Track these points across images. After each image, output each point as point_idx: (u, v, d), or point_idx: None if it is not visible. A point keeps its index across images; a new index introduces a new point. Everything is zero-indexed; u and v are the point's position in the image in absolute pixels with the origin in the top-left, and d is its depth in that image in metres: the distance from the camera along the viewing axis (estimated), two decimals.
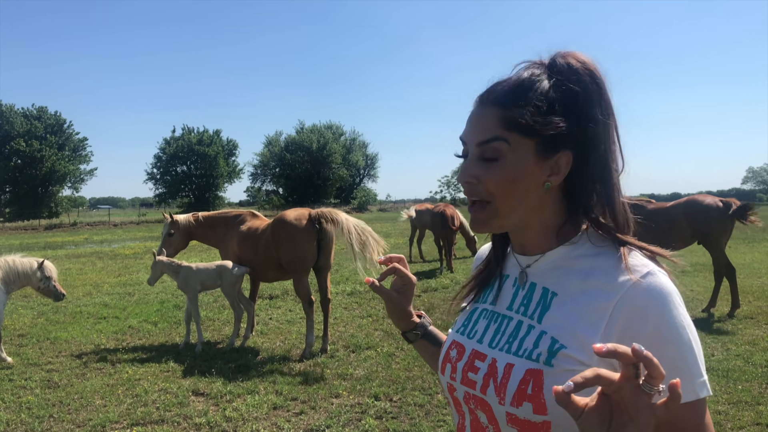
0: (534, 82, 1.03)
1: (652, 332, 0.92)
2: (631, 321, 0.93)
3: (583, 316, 0.98)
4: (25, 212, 52.78)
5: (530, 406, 0.96)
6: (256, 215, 7.90)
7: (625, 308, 0.94)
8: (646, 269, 0.98)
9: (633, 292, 0.95)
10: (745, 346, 6.49)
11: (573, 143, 1.02)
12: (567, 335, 0.98)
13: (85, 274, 14.67)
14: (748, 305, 8.57)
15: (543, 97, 1.02)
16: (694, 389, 0.92)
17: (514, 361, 1.01)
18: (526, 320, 1.06)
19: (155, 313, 9.45)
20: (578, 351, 0.96)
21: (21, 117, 60.31)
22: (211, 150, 69.97)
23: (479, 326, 1.15)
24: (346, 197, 75.86)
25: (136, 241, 28.02)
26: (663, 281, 0.96)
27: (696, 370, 0.93)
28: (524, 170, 1.02)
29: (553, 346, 0.98)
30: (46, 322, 8.85)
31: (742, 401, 4.94)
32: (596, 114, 1.02)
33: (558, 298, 1.03)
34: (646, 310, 0.93)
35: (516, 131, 1.01)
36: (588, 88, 1.02)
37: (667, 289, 0.95)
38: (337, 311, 9.10)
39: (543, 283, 1.07)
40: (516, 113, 1.01)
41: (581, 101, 1.02)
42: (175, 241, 8.02)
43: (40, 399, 5.47)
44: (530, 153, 1.02)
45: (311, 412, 5.05)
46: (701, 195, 8.30)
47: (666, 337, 0.92)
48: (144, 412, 5.08)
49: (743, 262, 13.04)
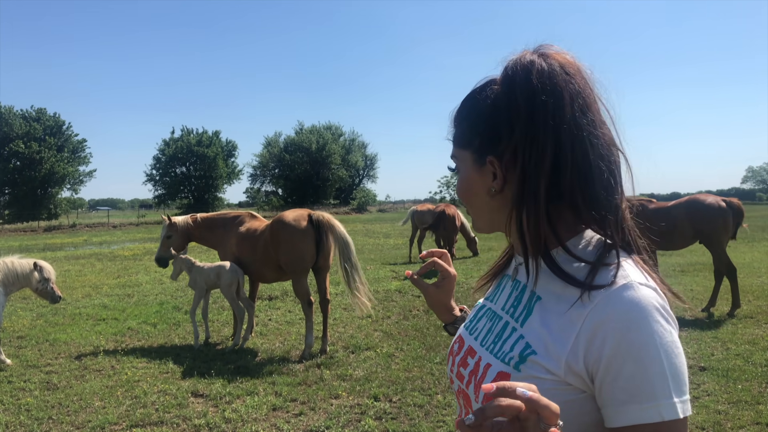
0: (472, 98, 1.11)
1: (616, 347, 0.88)
2: (596, 334, 0.90)
3: (556, 323, 0.96)
4: (25, 214, 52.79)
5: None
6: (254, 216, 7.89)
7: (593, 321, 0.91)
8: (625, 281, 0.92)
9: (603, 304, 0.91)
10: (745, 346, 6.48)
11: (504, 149, 1.02)
12: (539, 342, 0.97)
13: (84, 276, 14.66)
14: (748, 305, 8.57)
15: (473, 111, 1.10)
16: (658, 410, 0.86)
17: (492, 362, 1.04)
18: (512, 322, 1.06)
19: (154, 314, 9.44)
20: (546, 359, 0.95)
21: (20, 119, 60.35)
22: (211, 151, 70.04)
23: (480, 324, 1.17)
24: (345, 198, 75.87)
25: (135, 242, 28.01)
26: (640, 295, 0.90)
27: (661, 391, 0.86)
28: (468, 178, 1.11)
29: (524, 351, 0.98)
30: (45, 324, 8.84)
31: (742, 401, 4.93)
32: (542, 117, 0.98)
33: (540, 303, 1.02)
34: (611, 324, 0.89)
35: (458, 146, 1.13)
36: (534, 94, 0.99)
37: (641, 303, 0.89)
38: (337, 312, 9.09)
39: (531, 286, 1.06)
40: (457, 131, 1.14)
41: (518, 108, 0.99)
42: (173, 243, 8.01)
43: (39, 401, 5.46)
44: (469, 163, 1.10)
45: (311, 413, 5.04)
46: (703, 194, 8.30)
47: (629, 353, 0.87)
48: (143, 413, 5.07)
49: (743, 262, 13.05)
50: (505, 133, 1.02)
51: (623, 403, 0.88)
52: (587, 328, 0.91)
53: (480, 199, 1.11)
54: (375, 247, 20.62)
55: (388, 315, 8.87)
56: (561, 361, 0.93)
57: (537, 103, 0.98)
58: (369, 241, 23.46)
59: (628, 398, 0.87)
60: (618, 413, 0.88)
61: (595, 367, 0.90)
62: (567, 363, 0.92)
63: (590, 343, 0.90)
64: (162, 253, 8.02)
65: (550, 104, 0.98)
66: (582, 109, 1.00)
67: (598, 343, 0.90)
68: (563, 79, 1.00)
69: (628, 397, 0.87)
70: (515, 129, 1.00)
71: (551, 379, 0.93)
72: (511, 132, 1.01)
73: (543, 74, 0.99)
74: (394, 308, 9.39)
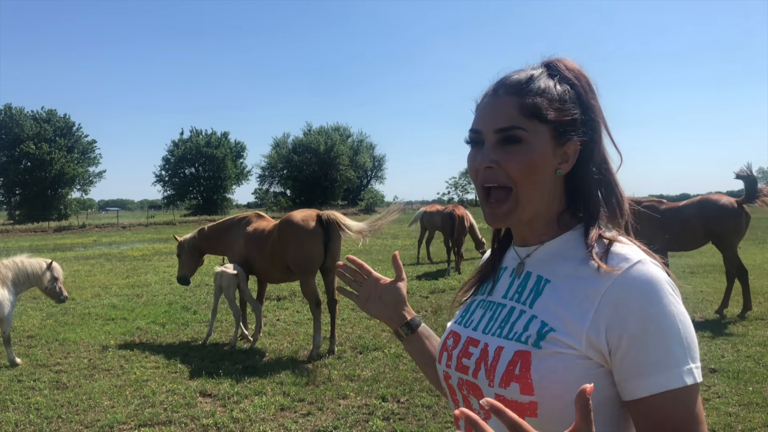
0: (544, 76, 1.10)
1: (637, 321, 0.94)
2: (617, 309, 0.95)
3: (573, 300, 1.00)
4: (35, 214, 53.13)
5: (517, 387, 0.99)
6: (262, 216, 7.92)
7: (613, 297, 0.96)
8: (637, 257, 1.00)
9: (621, 280, 0.97)
10: (756, 348, 6.43)
11: (580, 133, 1.08)
12: (556, 319, 1.01)
13: (93, 276, 14.73)
14: (758, 306, 8.50)
15: (554, 88, 1.08)
16: (681, 376, 0.93)
17: (504, 344, 1.05)
18: (519, 306, 1.09)
19: (163, 314, 9.48)
20: (567, 335, 0.98)
21: (30, 120, 60.80)
22: (219, 152, 70.30)
23: (475, 315, 1.18)
24: (353, 199, 75.90)
25: (144, 243, 28.14)
26: (652, 270, 0.98)
27: (682, 357, 0.93)
28: (543, 155, 1.06)
29: (542, 329, 1.01)
30: (55, 324, 8.89)
31: (753, 403, 4.88)
32: (593, 110, 1.11)
33: (550, 285, 1.06)
34: (632, 299, 0.95)
35: (535, 118, 1.05)
36: (583, 88, 1.11)
37: (655, 278, 0.97)
38: (345, 312, 9.09)
39: (538, 272, 1.11)
40: (534, 101, 1.06)
41: (581, 97, 1.10)
42: (186, 260, 8.26)
43: (48, 400, 5.49)
44: (547, 139, 1.06)
45: (318, 414, 5.04)
46: (715, 195, 8.19)
47: (650, 326, 0.94)
48: (152, 413, 5.09)
49: (754, 263, 12.94)
50: (582, 118, 1.09)
51: (648, 373, 0.93)
52: (607, 303, 0.96)
53: (542, 179, 1.07)
54: (383, 248, 20.61)
55: None
56: (582, 336, 0.97)
57: (594, 101, 1.12)
58: (377, 242, 23.45)
59: (653, 368, 0.93)
60: (643, 384, 0.94)
61: (616, 340, 0.95)
62: (588, 337, 0.97)
63: (612, 318, 0.96)
64: (179, 273, 8.37)
65: (598, 104, 1.12)
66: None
67: (619, 317, 0.95)
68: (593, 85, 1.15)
69: (653, 367, 0.93)
70: (590, 119, 1.10)
71: (572, 353, 0.98)
72: (588, 120, 1.10)
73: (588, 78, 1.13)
74: None
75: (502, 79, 1.12)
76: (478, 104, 1.14)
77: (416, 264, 15.65)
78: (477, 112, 1.13)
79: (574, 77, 1.10)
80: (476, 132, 1.10)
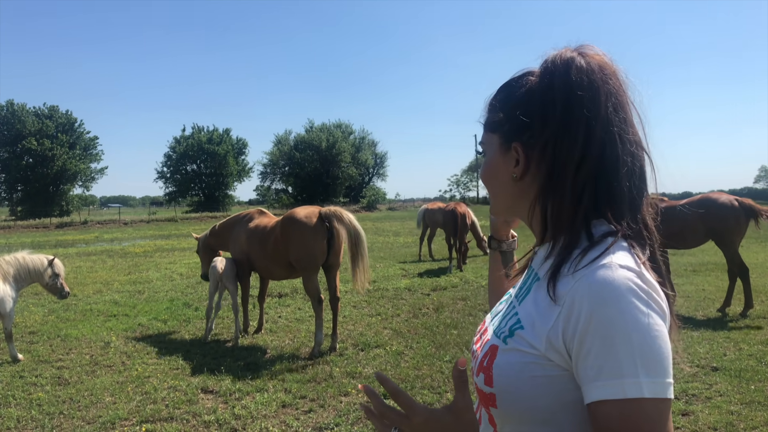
0: (508, 86, 1.14)
1: (587, 324, 0.89)
2: (572, 311, 0.92)
3: (544, 301, 1.01)
4: (37, 210, 53.13)
5: (483, 377, 1.05)
6: (263, 213, 7.95)
7: (570, 298, 0.94)
8: (605, 261, 0.94)
9: (580, 282, 0.94)
10: (758, 346, 6.42)
11: (532, 137, 1.07)
12: (528, 318, 1.03)
13: (95, 272, 14.74)
14: (760, 305, 8.49)
15: (507, 97, 1.13)
16: (622, 388, 0.86)
17: (490, 337, 1.11)
18: (515, 302, 1.13)
19: (165, 311, 9.49)
20: (531, 334, 1.00)
21: (32, 116, 60.77)
22: (221, 149, 70.26)
23: (500, 308, 1.23)
24: (355, 196, 75.84)
25: (146, 239, 28.17)
26: (615, 275, 0.91)
27: (629, 369, 0.86)
28: (493, 162, 1.15)
29: (514, 326, 1.04)
30: (57, 320, 8.91)
31: (755, 401, 4.88)
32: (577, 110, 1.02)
33: (537, 283, 1.07)
34: (584, 301, 0.91)
35: (487, 130, 1.17)
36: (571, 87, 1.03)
37: (614, 283, 0.90)
38: (347, 309, 9.09)
39: (536, 270, 1.12)
40: (487, 117, 1.18)
41: (553, 100, 1.03)
42: (203, 257, 8.57)
43: (50, 396, 5.50)
44: (495, 146, 1.14)
45: (320, 411, 5.04)
46: (716, 193, 8.21)
47: (598, 330, 0.88)
48: (153, 409, 5.09)
49: (756, 262, 12.92)
50: (537, 122, 1.06)
51: (592, 379, 0.89)
52: (567, 305, 0.94)
53: (501, 183, 1.15)
54: (384, 245, 20.61)
55: (397, 313, 8.86)
56: (543, 337, 0.97)
57: (573, 97, 1.03)
58: (378, 239, 23.44)
59: (596, 375, 0.88)
60: (588, 389, 0.90)
61: (570, 343, 0.93)
62: (548, 338, 0.96)
63: (567, 320, 0.93)
64: (201, 270, 8.71)
65: (586, 99, 1.02)
66: (615, 108, 1.04)
67: (573, 319, 0.92)
68: (600, 77, 1.04)
69: (596, 374, 0.88)
70: (548, 119, 1.04)
71: (532, 353, 0.98)
72: (543, 121, 1.05)
73: (581, 70, 1.04)
74: (403, 306, 9.38)
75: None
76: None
77: (418, 261, 15.65)
78: None
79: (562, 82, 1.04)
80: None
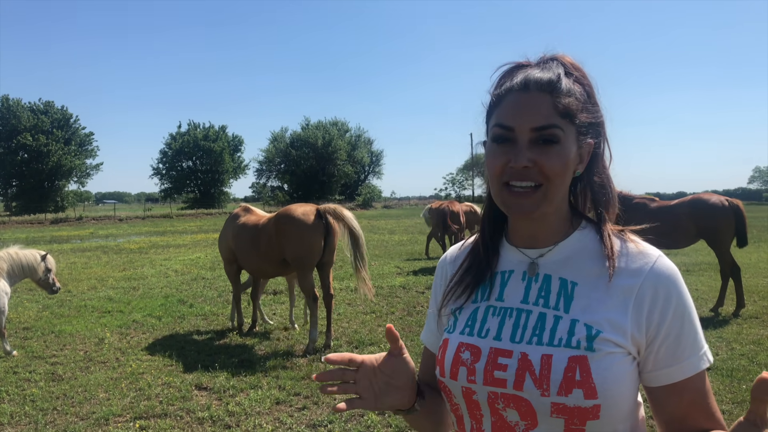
0: (567, 75, 1.09)
1: (674, 310, 1.02)
2: (656, 301, 1.02)
3: (609, 299, 1.04)
4: (32, 206, 53.00)
5: (581, 392, 0.98)
6: (249, 210, 7.85)
7: (650, 289, 1.02)
8: (657, 252, 1.07)
9: (654, 273, 1.03)
10: (749, 346, 6.46)
11: (593, 134, 1.11)
12: (599, 320, 1.03)
13: (90, 268, 14.71)
14: (753, 305, 8.54)
15: (578, 88, 1.08)
16: (706, 356, 1.04)
17: (552, 352, 1.01)
18: (550, 311, 1.06)
19: (159, 307, 9.48)
20: (612, 333, 1.01)
21: (28, 111, 60.52)
22: (217, 146, 70.13)
23: (490, 324, 1.11)
24: (350, 194, 75.86)
25: (141, 235, 28.10)
26: (671, 263, 1.06)
27: (702, 341, 1.05)
28: (573, 155, 1.07)
29: (590, 332, 1.02)
30: (51, 316, 8.89)
31: (747, 401, 4.91)
32: (599, 110, 1.12)
33: (579, 287, 1.07)
34: (666, 291, 1.02)
35: (566, 118, 1.05)
36: (590, 87, 1.12)
37: (676, 270, 1.06)
38: (341, 307, 9.10)
39: (559, 274, 1.10)
40: (567, 101, 1.05)
41: (592, 98, 1.11)
42: None
43: (44, 392, 5.50)
44: (574, 139, 1.07)
45: (314, 408, 5.05)
46: (706, 194, 8.31)
47: (686, 314, 1.03)
48: (147, 405, 5.09)
49: (748, 262, 12.98)
50: (600, 120, 1.12)
51: (684, 358, 1.02)
52: (642, 297, 1.03)
53: (569, 177, 1.09)
54: (380, 243, 20.62)
55: (392, 311, 8.88)
56: (626, 333, 1.02)
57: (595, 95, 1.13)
58: (374, 237, 23.44)
59: (689, 352, 1.02)
60: (681, 368, 1.02)
61: (654, 331, 1.02)
62: (631, 333, 1.02)
63: (650, 311, 1.02)
64: None
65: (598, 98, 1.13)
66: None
67: (658, 309, 1.02)
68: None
69: (689, 352, 1.02)
70: (600, 119, 1.12)
71: (620, 351, 1.02)
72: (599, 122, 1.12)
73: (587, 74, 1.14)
74: (398, 304, 9.39)
75: (526, 75, 1.07)
76: (501, 97, 1.09)
77: (416, 259, 15.66)
78: (504, 108, 1.07)
79: (582, 76, 1.11)
80: (509, 129, 1.05)
